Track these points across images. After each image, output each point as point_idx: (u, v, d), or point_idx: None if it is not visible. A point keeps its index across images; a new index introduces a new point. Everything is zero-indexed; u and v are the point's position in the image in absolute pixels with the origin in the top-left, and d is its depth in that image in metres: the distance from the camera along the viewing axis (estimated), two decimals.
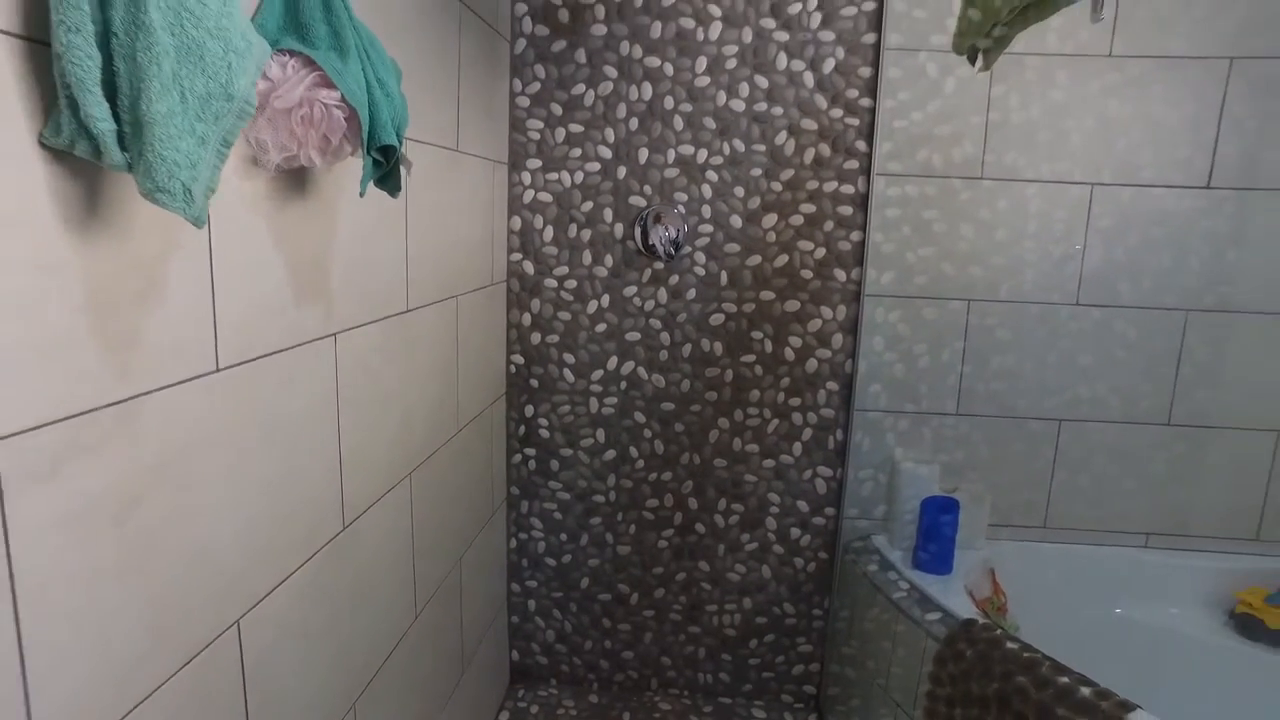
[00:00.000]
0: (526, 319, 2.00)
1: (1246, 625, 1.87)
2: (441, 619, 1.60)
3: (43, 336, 0.62)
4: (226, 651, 0.88)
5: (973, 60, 1.32)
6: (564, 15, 1.85)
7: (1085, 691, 1.37)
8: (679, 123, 1.89)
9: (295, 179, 0.96)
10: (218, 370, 0.84)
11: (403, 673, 1.40)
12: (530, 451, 2.07)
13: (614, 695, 2.17)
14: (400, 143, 0.93)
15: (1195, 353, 1.94)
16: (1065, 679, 1.40)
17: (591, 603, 2.14)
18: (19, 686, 0.62)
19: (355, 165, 1.08)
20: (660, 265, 1.96)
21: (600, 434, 2.04)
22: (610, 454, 2.05)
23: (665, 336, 1.99)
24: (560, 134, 1.91)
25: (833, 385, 2.00)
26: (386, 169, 0.95)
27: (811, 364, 1.99)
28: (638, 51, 1.86)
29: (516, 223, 1.96)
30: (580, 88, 1.88)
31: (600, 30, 1.85)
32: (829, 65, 1.85)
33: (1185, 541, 2.02)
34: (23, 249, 0.60)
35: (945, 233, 1.91)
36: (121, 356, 0.70)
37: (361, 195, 0.90)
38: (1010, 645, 1.51)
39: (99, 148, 0.60)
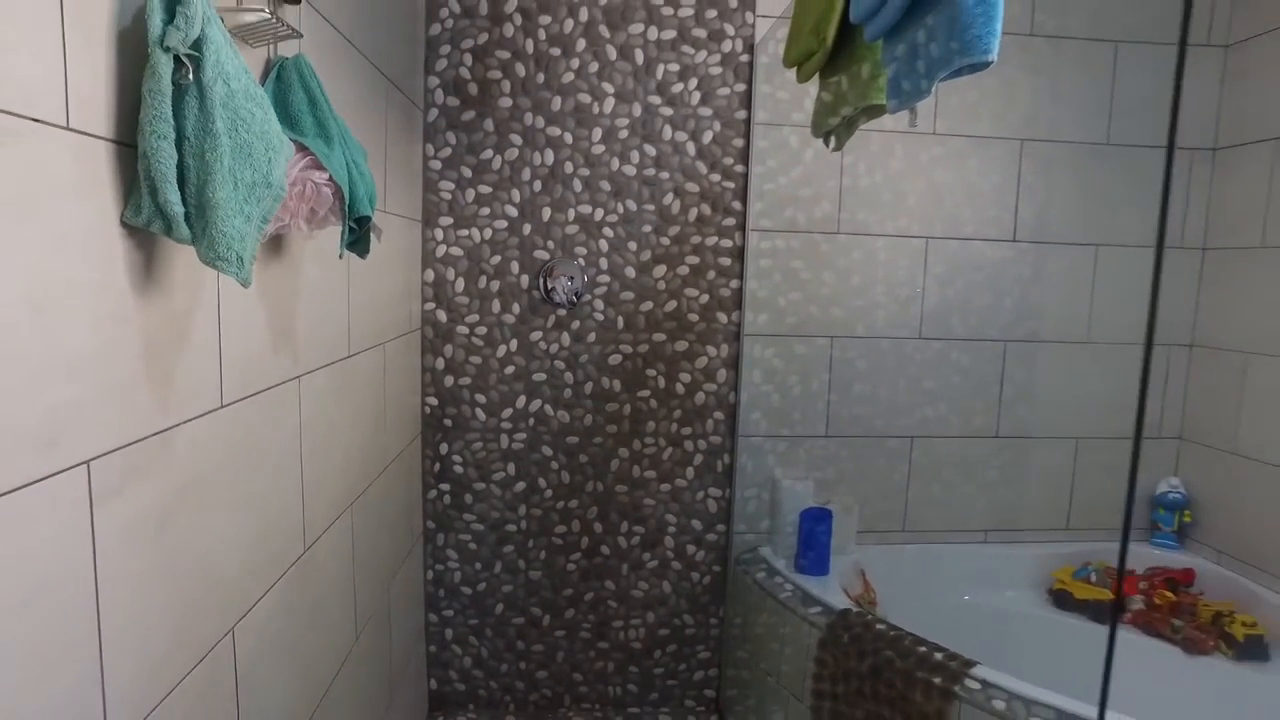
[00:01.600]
0: (440, 363, 2.15)
1: (1061, 598, 2.24)
2: (375, 645, 1.71)
3: (117, 377, 0.76)
4: (225, 656, 1.00)
5: (827, 142, 1.62)
6: (473, 89, 2.06)
7: (938, 656, 1.66)
8: (578, 185, 2.13)
9: (273, 244, 1.12)
10: (222, 406, 0.98)
11: (346, 693, 1.51)
12: (445, 487, 2.20)
13: (530, 715, 2.30)
14: (373, 213, 1.11)
15: (1014, 376, 2.33)
16: (923, 648, 1.68)
17: (506, 627, 2.27)
18: (97, 670, 0.74)
19: (321, 231, 1.24)
20: (563, 312, 2.17)
21: (511, 467, 2.21)
22: (521, 485, 2.22)
23: (569, 376, 2.19)
24: (470, 194, 2.10)
25: (719, 415, 2.26)
26: (359, 235, 1.12)
27: (700, 397, 2.24)
28: (540, 122, 2.09)
29: (430, 275, 2.12)
30: (489, 153, 2.09)
31: (507, 103, 2.07)
32: (708, 136, 2.14)
33: (1015, 535, 2.38)
34: (107, 307, 0.74)
35: (810, 279, 2.23)
36: (162, 394, 0.84)
37: (340, 257, 1.07)
38: (879, 627, 1.78)
39: (170, 226, 0.76)
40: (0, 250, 0.61)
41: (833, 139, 1.62)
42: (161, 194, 0.74)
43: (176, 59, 0.73)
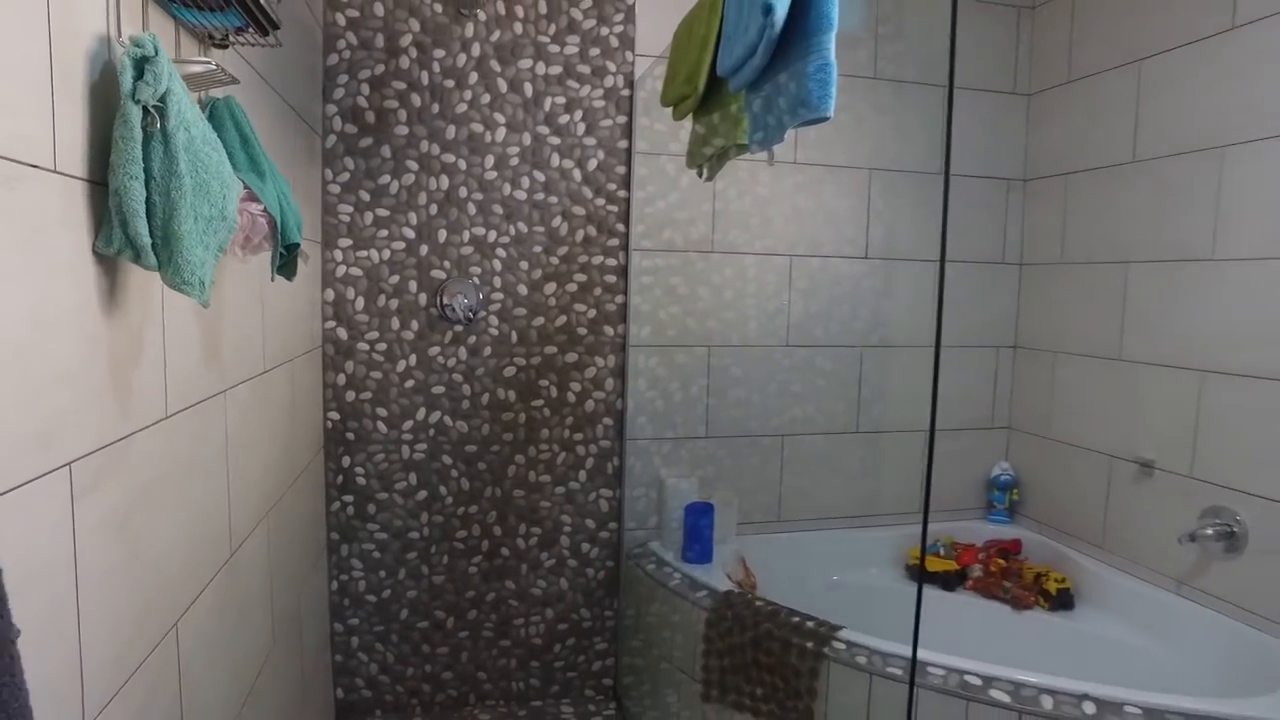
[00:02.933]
0: (341, 379, 2.23)
1: (913, 571, 2.54)
2: (290, 651, 1.78)
3: (93, 387, 0.86)
4: (170, 650, 1.09)
5: (700, 173, 1.83)
6: (370, 117, 2.16)
7: (810, 624, 1.89)
8: (472, 208, 2.26)
9: None
10: (167, 416, 1.07)
11: (266, 696, 1.58)
12: (348, 498, 2.27)
13: (437, 716, 2.38)
14: (301, 240, 1.22)
15: (870, 378, 2.63)
16: (796, 618, 1.91)
17: (411, 632, 2.36)
18: (77, 653, 0.83)
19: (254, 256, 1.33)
20: (460, 328, 2.29)
21: (413, 477, 2.30)
22: (422, 494, 2.32)
23: (467, 388, 2.31)
24: (369, 217, 2.20)
25: (608, 420, 2.44)
26: (287, 259, 1.23)
27: (590, 404, 2.42)
28: (436, 149, 2.22)
29: (330, 294, 2.20)
30: (386, 178, 2.19)
31: (403, 131, 2.19)
32: (593, 164, 2.33)
33: (876, 520, 2.68)
34: (86, 326, 0.84)
35: (688, 294, 2.44)
36: (124, 403, 0.94)
37: (272, 280, 1.18)
38: (759, 604, 2.00)
39: (139, 254, 0.86)
40: (14, 276, 0.71)
41: (705, 170, 1.83)
42: (132, 226, 0.85)
43: (144, 109, 0.84)
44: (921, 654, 1.74)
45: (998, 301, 2.73)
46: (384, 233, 2.21)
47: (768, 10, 1.22)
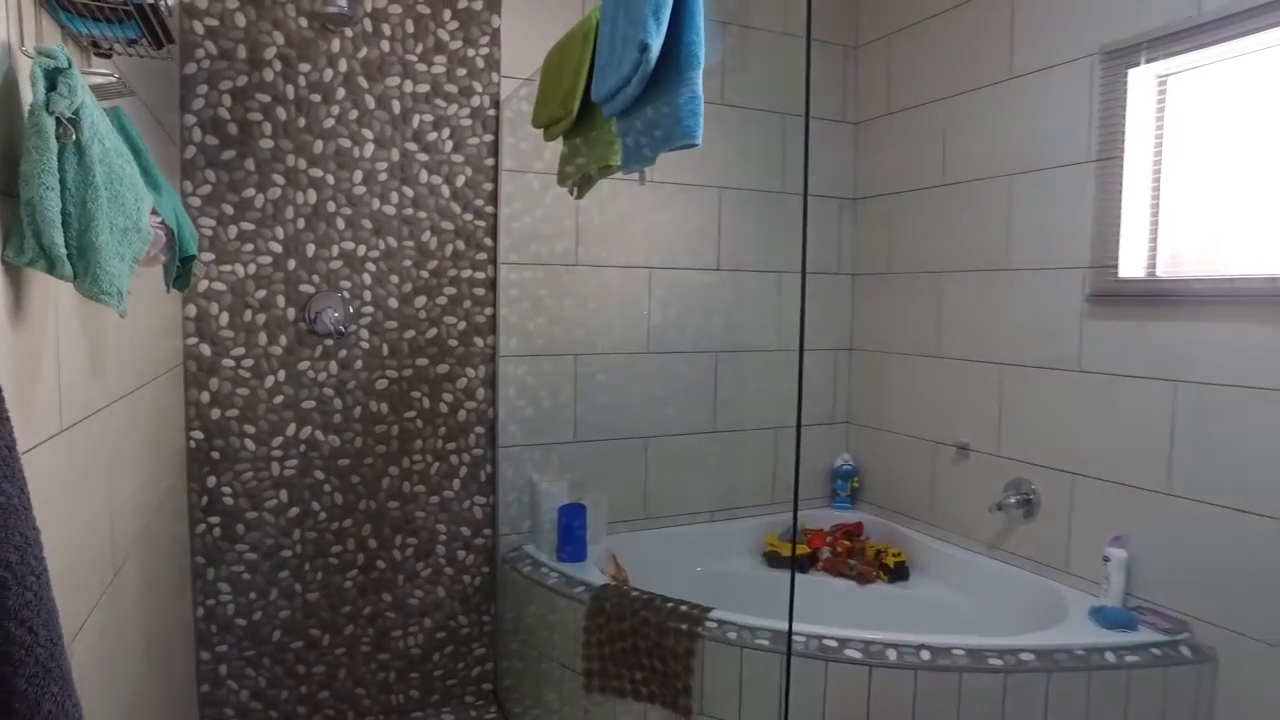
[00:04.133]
0: (205, 396, 2.16)
1: (772, 559, 2.77)
2: (163, 675, 1.72)
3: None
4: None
5: (571, 191, 1.95)
6: (233, 129, 2.12)
7: (683, 608, 2.03)
8: (341, 223, 2.27)
9: None
10: (61, 431, 1.06)
11: None
12: (215, 519, 2.20)
13: None
14: (197, 253, 1.23)
15: (725, 381, 2.84)
16: (670, 604, 2.05)
17: (285, 653, 2.30)
18: None
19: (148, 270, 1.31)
20: (330, 342, 2.28)
21: (284, 494, 2.26)
22: (294, 511, 2.28)
23: (338, 402, 2.31)
24: (233, 231, 2.15)
25: (480, 429, 2.50)
26: (181, 272, 1.23)
27: (462, 414, 2.47)
28: (303, 163, 2.21)
29: (192, 310, 2.13)
30: (251, 191, 2.16)
31: (268, 144, 2.16)
32: (461, 180, 2.40)
33: (734, 512, 2.88)
34: None
35: (554, 306, 2.55)
36: (26, 416, 0.93)
37: (168, 292, 1.18)
38: (634, 594, 2.13)
39: (54, 264, 0.88)
40: None
41: (576, 188, 1.96)
42: (48, 237, 0.86)
43: (58, 120, 0.86)
44: (776, 624, 1.93)
45: (834, 308, 3.02)
46: (249, 247, 2.17)
47: (644, 48, 1.36)
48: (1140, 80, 2.09)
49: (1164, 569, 2.00)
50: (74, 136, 0.87)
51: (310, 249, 2.24)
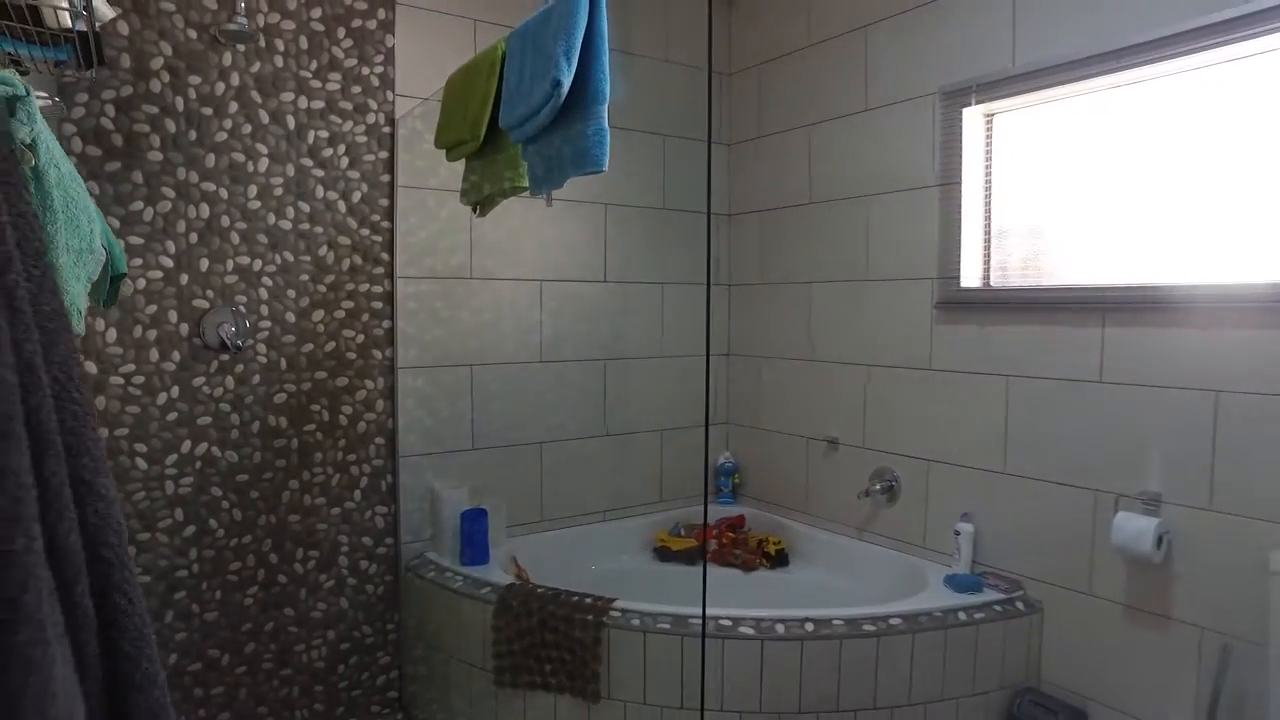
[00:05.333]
0: None
1: (662, 553, 2.94)
2: None
3: None
4: None
5: (475, 210, 2.05)
6: (117, 140, 2.08)
7: (588, 600, 2.17)
8: (236, 238, 2.26)
9: None
10: None
11: None
12: None
13: None
14: (126, 271, 1.26)
15: (613, 386, 2.99)
16: (575, 597, 2.18)
17: (181, 677, 2.25)
18: None
19: None
20: (226, 357, 2.27)
21: (179, 513, 2.22)
22: (190, 530, 2.24)
23: (235, 418, 2.29)
24: (119, 245, 2.10)
25: (380, 440, 2.54)
26: (111, 289, 1.26)
27: (362, 425, 2.50)
28: (195, 177, 2.18)
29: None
30: (139, 204, 2.12)
31: (157, 156, 2.13)
32: (357, 196, 2.43)
33: (625, 511, 3.04)
34: None
35: (450, 318, 2.63)
36: None
37: (103, 307, 1.21)
38: (540, 590, 2.24)
39: None
40: None
41: (480, 207, 2.06)
42: None
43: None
44: (684, 610, 2.10)
45: (715, 316, 3.24)
46: (138, 261, 2.13)
47: (556, 85, 1.49)
48: (972, 117, 2.41)
49: (1002, 538, 2.31)
50: (32, 162, 0.92)
51: (204, 263, 2.22)
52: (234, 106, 2.23)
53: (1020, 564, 2.27)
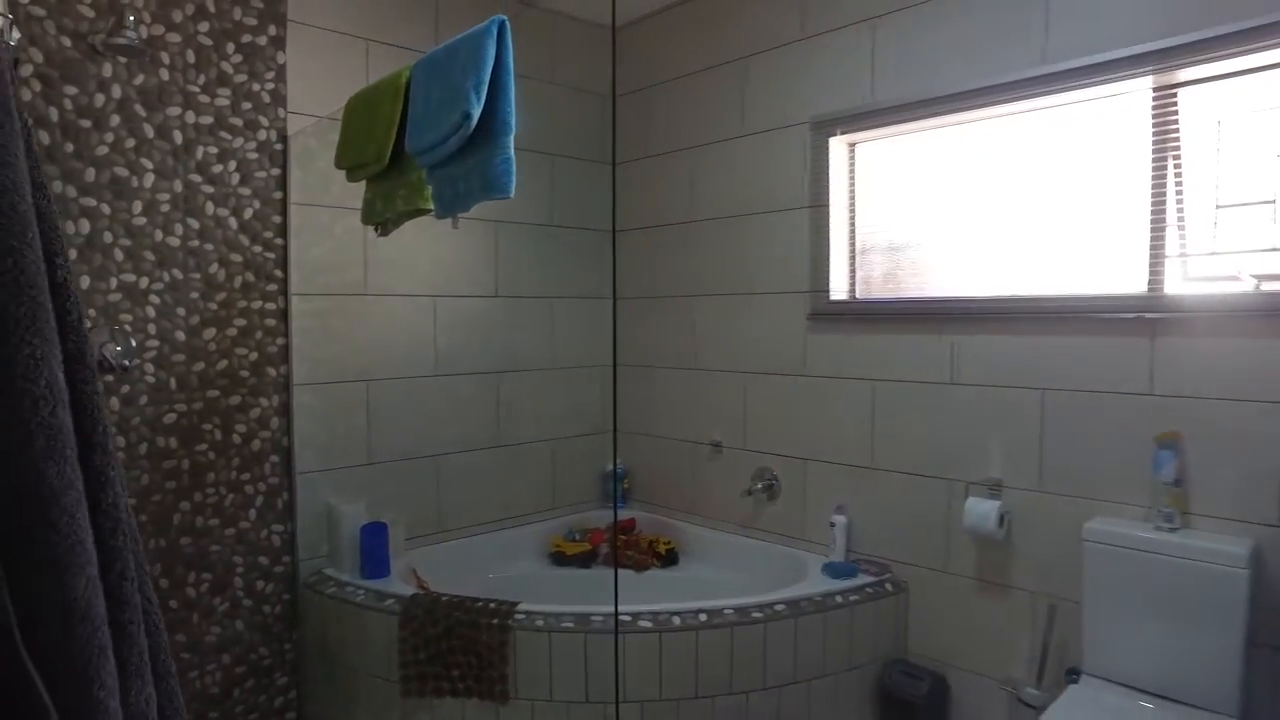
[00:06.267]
0: None
1: (558, 558, 3.05)
2: None
3: None
4: None
5: (377, 230, 2.10)
6: None
7: (492, 605, 2.25)
8: (120, 255, 2.20)
9: None
10: None
11: None
12: None
13: None
14: None
15: (506, 398, 3.08)
16: (480, 603, 2.25)
17: None
18: None
19: None
20: (111, 378, 2.20)
21: None
22: None
23: (121, 440, 2.22)
24: None
25: (275, 458, 2.52)
26: None
27: (256, 444, 2.47)
28: (73, 191, 2.11)
29: None
30: None
31: None
32: (249, 213, 2.41)
33: (521, 519, 3.12)
34: None
35: (346, 334, 2.64)
36: None
37: None
38: (444, 598, 2.30)
39: None
40: None
41: (382, 228, 2.11)
42: None
43: None
44: (584, 608, 2.22)
45: (600, 329, 3.38)
46: None
47: (466, 116, 1.59)
48: (837, 146, 2.67)
49: (872, 526, 2.56)
50: None
51: (85, 281, 2.15)
52: (116, 119, 2.17)
53: (888, 549, 2.53)
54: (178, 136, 2.28)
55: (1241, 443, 1.86)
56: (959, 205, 2.43)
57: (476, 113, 1.60)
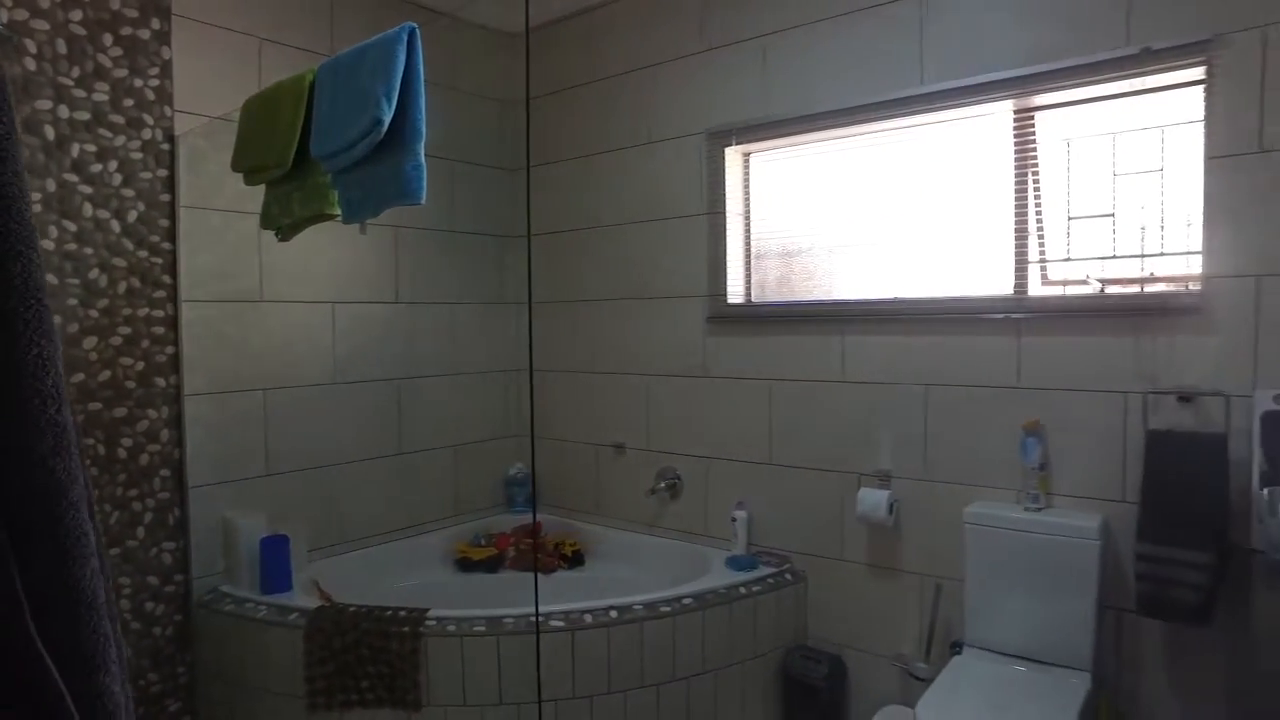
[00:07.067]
0: None
1: (463, 564, 3.04)
2: None
3: None
4: None
5: (277, 235, 2.05)
6: None
7: (401, 614, 2.23)
8: None
9: None
10: None
11: None
12: None
13: None
14: None
15: (408, 405, 3.04)
16: (389, 611, 2.23)
17: None
18: None
19: None
20: None
21: None
22: None
23: None
24: None
25: (165, 472, 2.40)
26: None
27: (144, 458, 2.36)
28: None
29: None
30: None
31: None
32: (133, 215, 2.30)
33: (425, 526, 3.09)
34: None
35: (240, 341, 2.55)
36: None
37: None
38: (352, 609, 2.27)
39: None
40: None
41: (282, 232, 2.06)
42: None
43: None
44: (497, 612, 2.23)
45: (500, 334, 3.39)
46: None
47: (377, 122, 1.59)
48: (733, 156, 2.79)
49: (771, 520, 2.69)
50: None
51: None
52: None
53: (787, 540, 2.65)
54: (49, 132, 2.15)
55: (1089, 429, 2.08)
56: (847, 213, 2.59)
57: (388, 118, 1.60)
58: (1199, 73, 1.94)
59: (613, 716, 2.20)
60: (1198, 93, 1.95)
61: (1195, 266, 1.99)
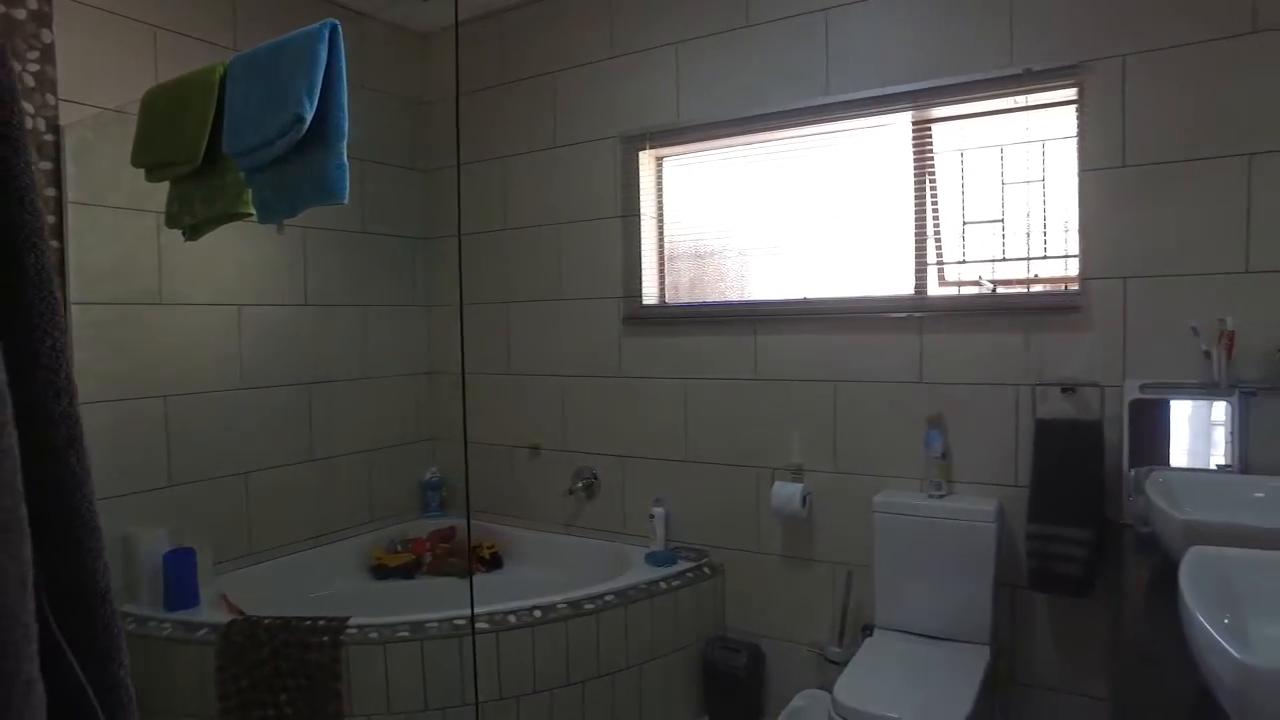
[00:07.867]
0: None
1: (379, 571, 2.98)
2: None
3: None
4: None
5: (185, 235, 1.97)
6: None
7: (321, 622, 2.18)
8: None
9: None
10: None
11: None
12: None
13: None
14: None
15: (319, 410, 2.96)
16: (308, 621, 2.18)
17: None
18: None
19: None
20: None
21: None
22: None
23: None
24: None
25: None
26: None
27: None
28: None
29: None
30: None
31: None
32: None
33: (338, 534, 3.01)
34: None
35: (138, 346, 2.43)
36: None
37: None
38: (267, 621, 2.20)
39: None
40: None
41: (189, 232, 1.98)
42: None
43: None
44: (419, 616, 2.21)
45: (413, 337, 3.34)
46: None
47: (298, 120, 1.56)
48: (646, 160, 2.85)
49: (688, 515, 2.76)
50: None
51: None
52: None
53: (704, 535, 2.73)
54: None
55: (985, 419, 2.24)
56: (758, 217, 2.69)
57: (309, 115, 1.57)
58: (1072, 93, 2.13)
59: (539, 716, 2.22)
60: (1071, 111, 2.13)
61: (1074, 269, 2.17)
